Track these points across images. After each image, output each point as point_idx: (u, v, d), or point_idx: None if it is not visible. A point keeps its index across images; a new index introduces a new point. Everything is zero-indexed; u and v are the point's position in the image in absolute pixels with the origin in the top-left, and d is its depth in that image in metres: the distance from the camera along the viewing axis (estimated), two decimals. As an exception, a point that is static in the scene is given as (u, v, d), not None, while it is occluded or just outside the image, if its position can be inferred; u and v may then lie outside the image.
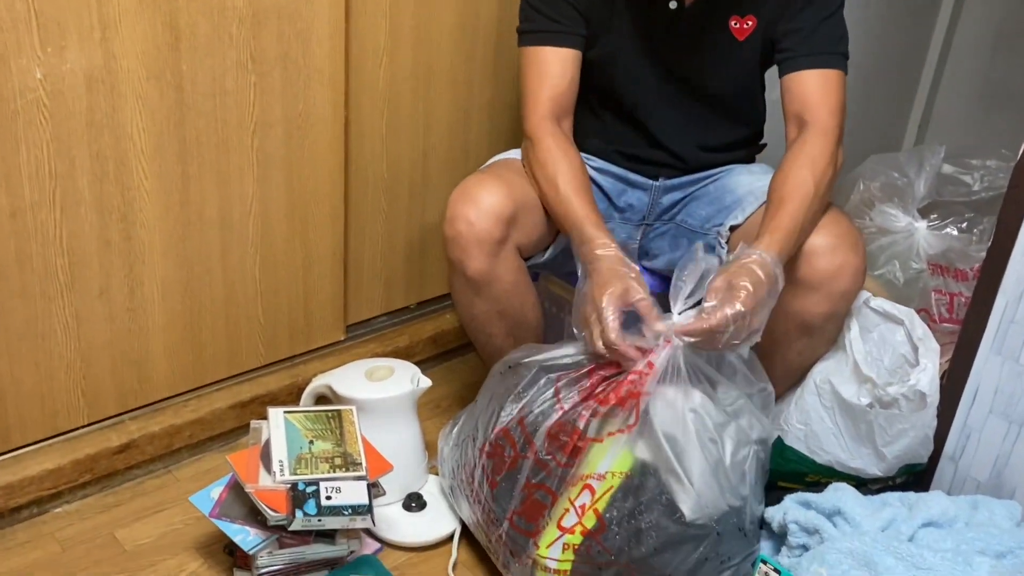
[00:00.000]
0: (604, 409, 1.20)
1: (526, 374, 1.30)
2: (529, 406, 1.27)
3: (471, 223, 1.31)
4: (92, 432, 1.46)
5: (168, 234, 1.42)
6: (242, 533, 1.25)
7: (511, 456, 1.27)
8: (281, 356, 1.65)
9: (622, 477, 1.21)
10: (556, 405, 1.24)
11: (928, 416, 1.28)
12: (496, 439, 1.29)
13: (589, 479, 1.21)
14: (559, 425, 1.22)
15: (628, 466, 1.21)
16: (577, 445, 1.21)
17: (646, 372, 1.19)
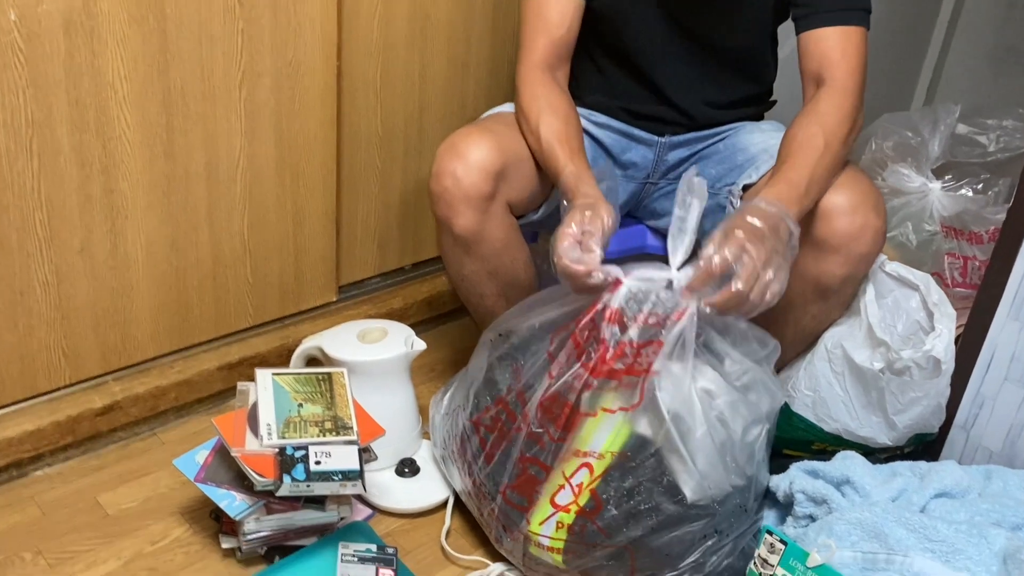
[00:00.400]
0: (597, 381, 1.15)
1: (518, 340, 1.25)
2: (523, 375, 1.22)
3: (458, 178, 1.26)
4: (74, 393, 1.41)
5: (152, 188, 1.37)
6: (228, 498, 1.21)
7: (507, 428, 1.22)
8: (271, 317, 1.59)
9: (619, 456, 1.16)
10: (548, 371, 1.18)
11: (942, 384, 1.23)
12: (493, 410, 1.24)
13: (587, 456, 1.16)
14: (552, 396, 1.17)
15: (625, 443, 1.16)
16: (571, 418, 1.16)
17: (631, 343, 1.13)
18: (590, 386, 1.15)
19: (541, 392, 1.17)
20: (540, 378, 1.19)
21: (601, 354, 1.14)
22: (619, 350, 1.14)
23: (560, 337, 1.19)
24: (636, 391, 1.13)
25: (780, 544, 1.14)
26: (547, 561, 1.20)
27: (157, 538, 1.29)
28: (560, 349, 1.18)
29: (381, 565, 1.22)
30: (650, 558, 1.15)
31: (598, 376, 1.14)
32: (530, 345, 1.23)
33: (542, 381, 1.18)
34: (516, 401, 1.21)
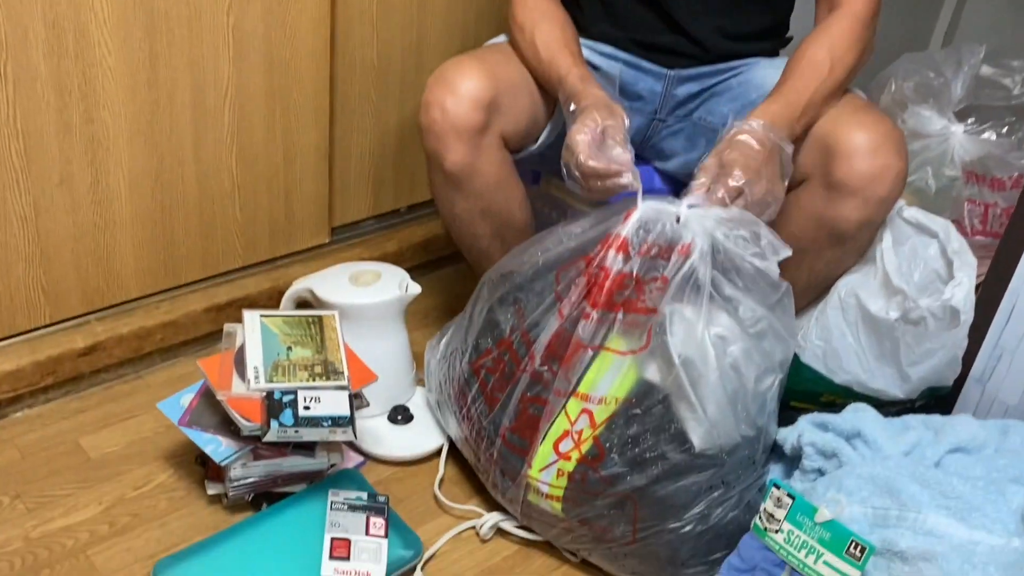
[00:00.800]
0: (598, 314, 1.09)
1: (521, 280, 1.19)
2: (527, 315, 1.16)
3: (446, 110, 1.20)
4: (55, 333, 1.36)
5: (134, 118, 1.30)
6: (213, 443, 1.16)
7: (511, 370, 1.17)
8: (261, 258, 1.54)
9: (624, 402, 1.11)
10: (556, 310, 1.13)
11: (959, 336, 1.18)
12: (495, 352, 1.19)
13: (588, 401, 1.11)
14: (558, 334, 1.12)
15: (631, 388, 1.11)
16: (574, 354, 1.11)
17: (631, 274, 1.08)
18: (588, 316, 1.09)
19: (550, 333, 1.12)
20: (548, 318, 1.14)
21: (601, 282, 1.09)
22: (619, 279, 1.08)
23: (568, 275, 1.13)
24: (643, 333, 1.08)
25: (787, 498, 1.09)
26: (546, 509, 1.15)
27: (140, 483, 1.24)
28: (569, 288, 1.13)
29: (372, 514, 1.18)
30: (653, 508, 1.11)
31: (597, 307, 1.09)
32: (533, 284, 1.17)
33: (550, 321, 1.13)
34: (521, 342, 1.16)
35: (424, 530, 1.21)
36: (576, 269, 1.13)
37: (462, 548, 1.21)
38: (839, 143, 1.15)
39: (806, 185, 1.20)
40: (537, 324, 1.15)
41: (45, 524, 1.17)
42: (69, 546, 1.15)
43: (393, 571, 1.14)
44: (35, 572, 1.11)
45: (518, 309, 1.18)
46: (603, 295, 1.09)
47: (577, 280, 1.12)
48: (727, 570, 1.11)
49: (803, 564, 1.06)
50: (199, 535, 1.16)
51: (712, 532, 1.13)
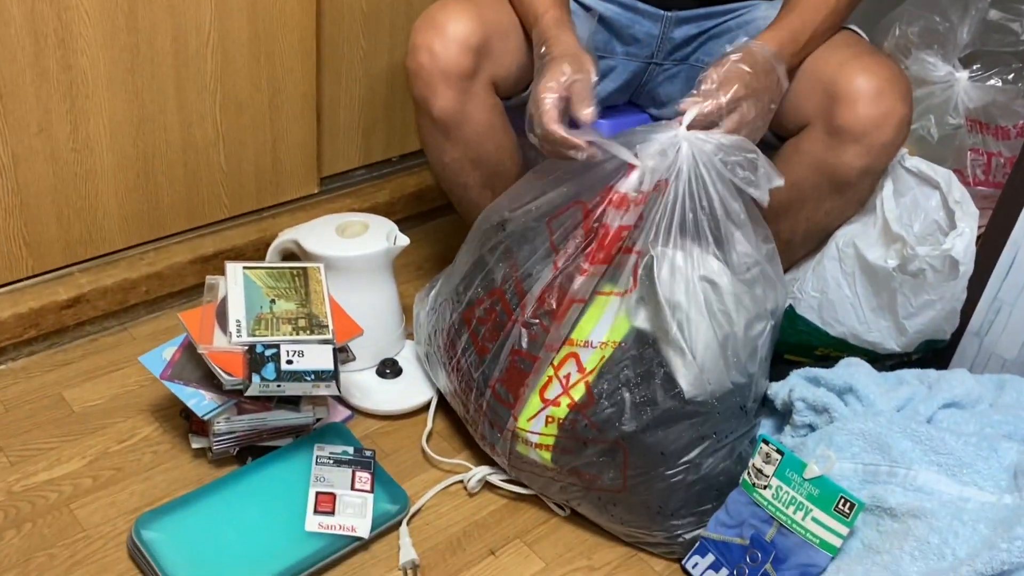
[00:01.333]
0: (593, 268, 1.07)
1: (513, 228, 1.16)
2: (523, 264, 1.14)
3: (435, 54, 1.16)
4: (37, 284, 1.34)
5: (114, 64, 1.26)
6: (196, 397, 1.14)
7: (502, 320, 1.14)
8: (247, 209, 1.51)
9: (615, 347, 1.09)
10: (552, 261, 1.10)
11: (958, 288, 1.15)
12: (487, 302, 1.17)
13: (577, 346, 1.10)
14: (551, 287, 1.10)
15: (623, 335, 1.09)
16: (567, 310, 1.09)
17: (629, 226, 1.05)
18: (584, 271, 1.07)
19: (544, 284, 1.10)
20: (542, 269, 1.11)
21: (600, 239, 1.06)
22: (618, 233, 1.06)
23: (563, 224, 1.11)
24: (628, 274, 1.06)
25: (776, 454, 1.08)
26: (535, 459, 1.14)
27: (124, 436, 1.23)
28: (566, 238, 1.10)
29: (358, 468, 1.17)
30: (644, 456, 1.09)
31: (595, 263, 1.07)
32: (526, 233, 1.14)
33: (544, 273, 1.10)
34: (514, 292, 1.14)
35: (411, 484, 1.20)
36: (572, 219, 1.10)
37: (449, 502, 1.20)
38: (842, 88, 1.12)
39: (807, 131, 1.16)
40: (530, 274, 1.12)
41: (28, 478, 1.16)
42: (52, 500, 1.14)
43: (378, 526, 1.13)
44: (17, 526, 1.11)
45: (510, 258, 1.15)
46: (602, 252, 1.07)
47: (575, 232, 1.09)
48: (714, 525, 1.10)
49: (791, 520, 1.05)
50: (183, 489, 1.15)
51: (703, 482, 1.11)
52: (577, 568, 1.14)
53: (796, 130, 1.17)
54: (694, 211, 1.05)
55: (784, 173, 1.14)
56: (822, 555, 1.03)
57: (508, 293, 1.14)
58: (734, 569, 1.07)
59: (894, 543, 0.98)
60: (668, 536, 1.13)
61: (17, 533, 1.10)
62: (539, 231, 1.14)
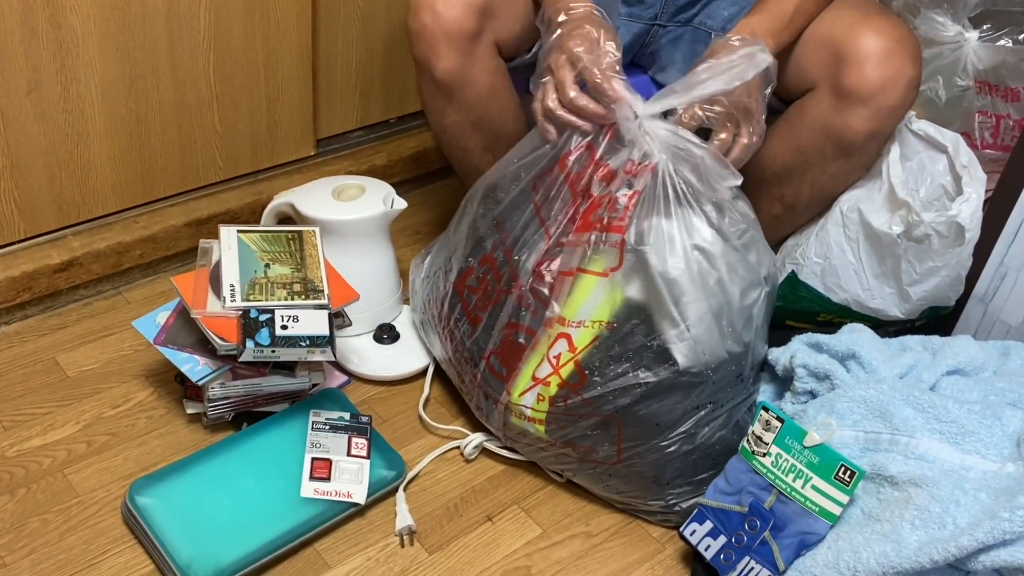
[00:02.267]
0: (576, 237, 1.05)
1: (502, 195, 1.14)
2: (511, 230, 1.12)
3: (437, 13, 1.13)
4: (29, 248, 1.32)
5: (104, 23, 1.24)
6: (190, 362, 1.13)
7: (492, 289, 1.13)
8: (242, 171, 1.49)
9: (605, 326, 1.07)
10: (543, 231, 1.09)
11: (964, 254, 1.13)
12: (478, 270, 1.15)
13: (568, 326, 1.07)
14: (543, 259, 1.08)
15: (612, 312, 1.06)
16: (561, 282, 1.07)
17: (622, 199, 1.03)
18: (568, 243, 1.05)
19: (539, 255, 1.08)
20: (531, 235, 1.09)
21: (587, 208, 1.04)
22: (599, 200, 1.04)
23: (547, 187, 1.09)
24: (617, 252, 1.04)
25: (776, 422, 1.07)
26: (529, 431, 1.13)
27: (119, 401, 1.22)
28: (552, 207, 1.08)
29: (354, 434, 1.16)
30: (638, 427, 1.08)
31: (579, 231, 1.05)
32: (514, 199, 1.12)
33: (537, 241, 1.09)
34: (504, 259, 1.12)
35: (407, 450, 1.20)
36: (555, 181, 1.08)
37: (446, 468, 1.19)
38: (850, 48, 1.09)
39: (813, 93, 1.14)
40: (519, 240, 1.10)
41: (22, 443, 1.15)
42: (46, 465, 1.13)
43: (375, 492, 1.12)
44: (11, 491, 1.10)
45: (498, 224, 1.13)
46: (580, 218, 1.05)
47: (561, 197, 1.07)
48: (713, 492, 1.09)
49: (791, 488, 1.04)
50: (178, 454, 1.14)
51: (699, 452, 1.10)
52: (575, 534, 1.14)
53: (801, 92, 1.15)
54: (681, 184, 1.03)
55: (789, 137, 1.12)
56: (821, 523, 1.02)
57: (499, 261, 1.13)
58: (732, 536, 1.06)
59: (894, 511, 0.97)
60: (664, 505, 1.13)
61: (11, 498, 1.09)
62: (526, 195, 1.12)
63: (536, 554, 1.11)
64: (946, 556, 0.91)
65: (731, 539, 1.06)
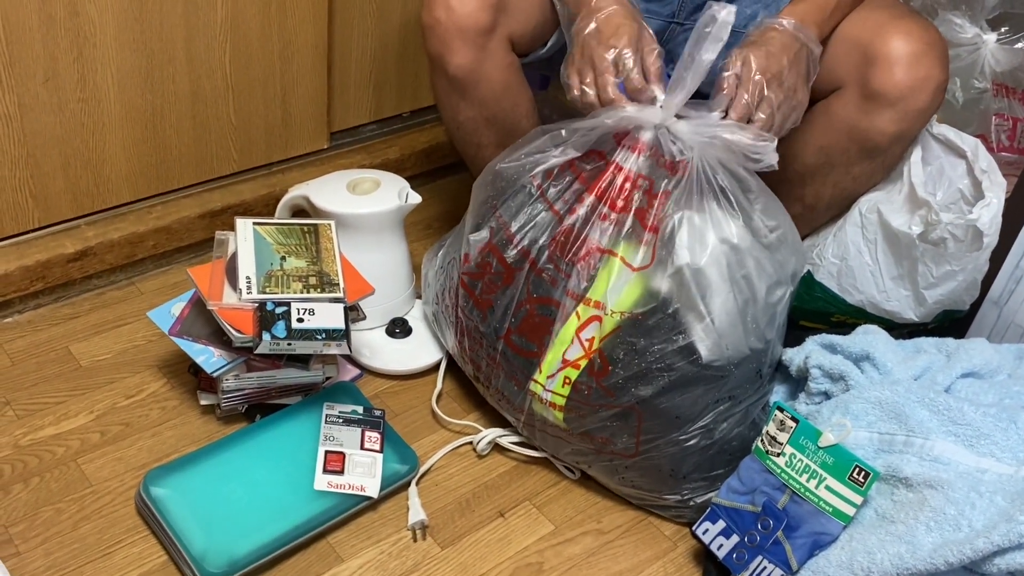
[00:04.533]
0: (615, 215, 1.05)
1: (504, 182, 1.14)
2: (516, 214, 1.11)
3: (451, 8, 1.13)
4: (44, 237, 1.32)
5: (122, 12, 1.23)
6: (205, 354, 1.13)
7: (502, 271, 1.12)
8: (257, 163, 1.48)
9: (629, 315, 1.06)
10: (551, 210, 1.08)
11: (981, 259, 1.13)
12: (478, 257, 1.15)
13: (600, 310, 1.07)
14: (562, 232, 1.07)
15: (637, 301, 1.07)
16: (588, 255, 1.07)
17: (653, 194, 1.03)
18: (605, 217, 1.05)
19: (547, 232, 1.08)
20: (534, 214, 1.09)
21: (622, 183, 1.04)
22: (635, 181, 1.04)
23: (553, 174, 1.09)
24: (649, 250, 1.04)
25: (791, 422, 1.07)
26: (548, 419, 1.13)
27: (132, 392, 1.22)
28: (560, 187, 1.08)
29: (367, 427, 1.16)
30: (658, 419, 1.08)
31: (614, 208, 1.04)
32: (511, 183, 1.12)
33: (543, 218, 1.08)
34: (506, 242, 1.11)
35: (420, 445, 1.20)
36: (563, 172, 1.08)
37: (459, 463, 1.19)
38: (879, 50, 1.09)
39: (840, 93, 1.13)
40: (525, 223, 1.10)
41: (35, 432, 1.16)
42: (60, 454, 1.13)
43: (388, 486, 1.12)
44: (25, 480, 1.10)
45: (497, 210, 1.13)
46: (621, 197, 1.05)
47: (569, 178, 1.07)
48: (726, 492, 1.09)
49: (804, 488, 1.04)
50: (192, 446, 1.15)
51: (716, 446, 1.10)
52: (587, 531, 1.14)
53: (828, 92, 1.14)
54: (710, 182, 1.03)
55: (813, 137, 1.12)
56: (835, 524, 1.02)
57: (499, 243, 1.12)
58: (745, 536, 1.06)
59: (909, 513, 0.97)
60: (679, 500, 1.13)
61: (24, 487, 1.09)
62: (527, 181, 1.12)
63: (548, 550, 1.11)
64: (961, 559, 0.91)
65: (744, 538, 1.06)
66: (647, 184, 1.05)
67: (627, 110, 1.03)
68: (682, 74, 1.01)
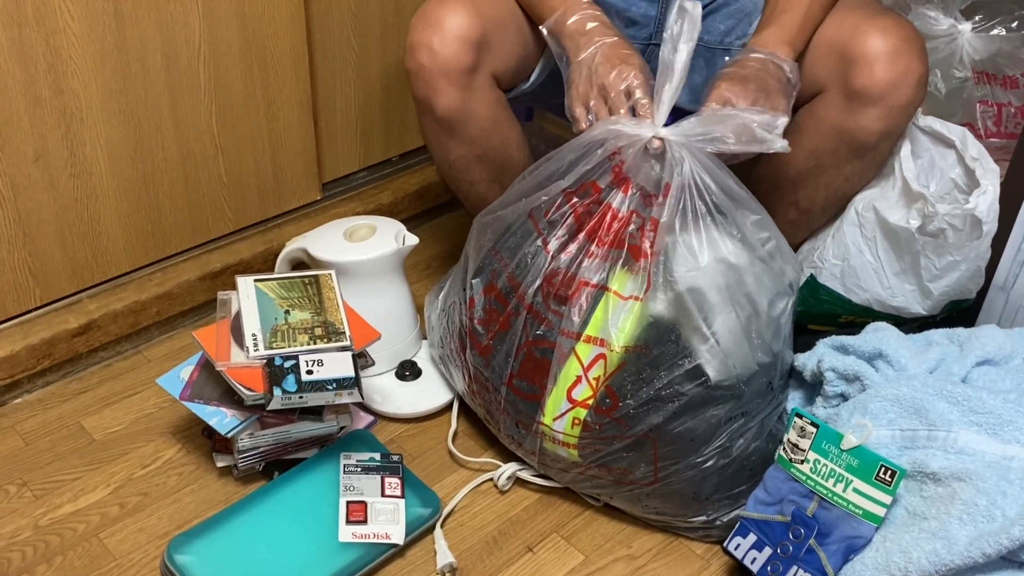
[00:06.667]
0: (603, 251, 1.05)
1: (502, 225, 1.14)
2: (514, 256, 1.11)
3: (434, 52, 1.13)
4: (46, 314, 1.32)
5: (106, 86, 1.24)
6: (218, 415, 1.13)
7: (500, 315, 1.12)
8: (252, 220, 1.49)
9: (635, 351, 1.06)
10: (543, 249, 1.08)
11: (983, 247, 1.13)
12: (482, 300, 1.15)
13: (602, 346, 1.06)
14: (554, 272, 1.07)
15: (641, 334, 1.05)
16: (577, 292, 1.06)
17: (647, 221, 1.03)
18: (592, 254, 1.05)
19: (542, 272, 1.08)
20: (534, 255, 1.09)
21: (608, 222, 1.04)
22: (625, 218, 1.04)
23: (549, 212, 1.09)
24: (644, 278, 1.04)
25: (811, 427, 1.06)
26: (563, 456, 1.12)
27: (148, 461, 1.21)
28: (552, 222, 1.08)
29: (386, 474, 1.15)
30: (673, 445, 1.07)
31: (602, 245, 1.05)
32: (511, 225, 1.13)
33: (538, 260, 1.08)
34: (508, 286, 1.11)
35: (441, 486, 1.19)
36: (556, 204, 1.08)
37: (481, 501, 1.18)
38: (857, 50, 1.09)
39: (822, 97, 1.14)
40: (522, 264, 1.10)
41: (54, 510, 1.15)
42: (80, 531, 1.13)
43: (413, 530, 1.11)
44: (48, 560, 1.09)
45: (497, 253, 1.13)
46: (610, 235, 1.05)
47: (563, 213, 1.08)
48: (754, 504, 1.08)
49: (832, 493, 1.03)
50: (212, 509, 1.14)
51: (735, 465, 1.09)
52: (618, 558, 1.12)
53: (811, 97, 1.15)
54: (702, 198, 1.03)
55: (801, 142, 1.12)
56: (866, 526, 1.01)
57: (503, 288, 1.12)
58: (777, 547, 1.05)
59: (940, 508, 0.96)
60: (705, 521, 1.12)
61: (48, 567, 1.08)
62: (523, 221, 1.12)
63: (580, 581, 1.10)
64: (998, 549, 0.90)
65: (777, 550, 1.05)
66: (641, 221, 1.04)
67: (618, 124, 1.04)
68: (664, 75, 1.01)
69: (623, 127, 1.04)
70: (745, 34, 1.22)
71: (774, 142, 0.98)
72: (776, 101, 1.05)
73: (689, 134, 1.02)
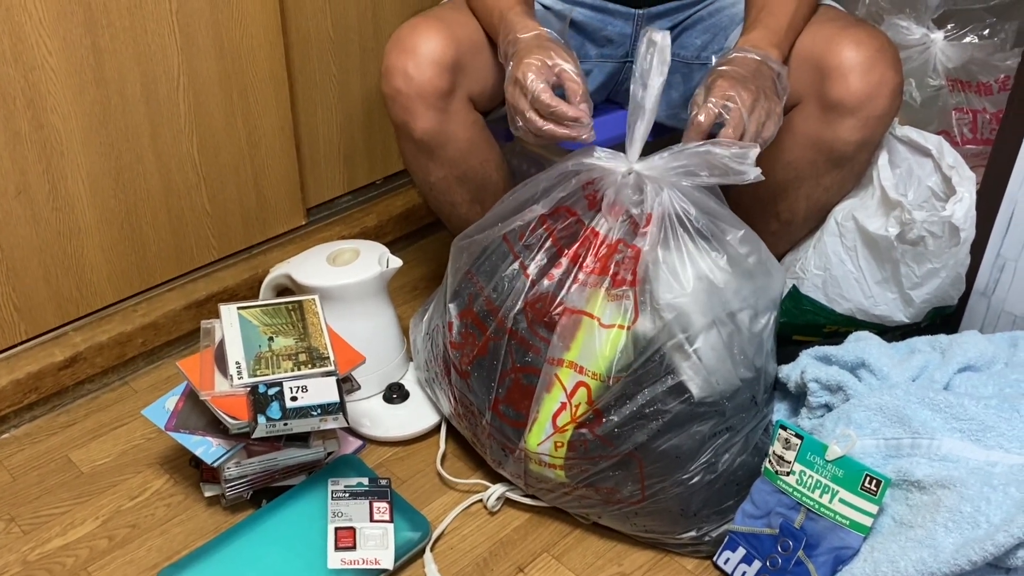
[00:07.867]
0: (590, 278, 1.05)
1: (478, 248, 1.14)
2: (491, 279, 1.12)
3: (410, 76, 1.14)
4: (32, 348, 1.32)
5: (86, 119, 1.25)
6: (203, 445, 1.13)
7: (478, 340, 1.12)
8: (236, 248, 1.49)
9: (615, 379, 1.05)
10: (523, 273, 1.09)
11: (961, 253, 1.13)
12: (458, 324, 1.15)
13: (583, 373, 1.06)
14: (537, 297, 1.08)
15: (621, 358, 1.04)
16: (564, 319, 1.07)
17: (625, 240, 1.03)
18: (578, 280, 1.05)
19: (522, 296, 1.08)
20: (512, 280, 1.09)
21: (596, 248, 1.04)
22: (615, 246, 1.04)
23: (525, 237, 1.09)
24: (630, 307, 1.04)
25: (796, 439, 1.06)
26: (550, 477, 1.12)
27: (136, 492, 1.21)
28: (532, 250, 1.08)
29: (375, 499, 1.15)
30: (659, 463, 1.07)
31: (588, 272, 1.05)
32: (486, 249, 1.13)
33: (517, 283, 1.09)
34: (485, 310, 1.12)
35: (430, 509, 1.19)
36: (533, 230, 1.09)
37: (471, 523, 1.18)
38: (832, 61, 1.10)
39: (799, 109, 1.15)
40: (499, 288, 1.10)
41: (43, 545, 1.14)
42: (69, 565, 1.12)
43: (402, 555, 1.11)
44: (36, 595, 1.09)
45: (472, 276, 1.14)
46: (598, 263, 1.05)
47: (539, 236, 1.08)
48: (742, 517, 1.08)
49: (818, 504, 1.03)
50: (201, 539, 1.13)
51: (722, 480, 1.09)
52: (609, 575, 1.12)
53: (788, 109, 1.16)
54: (682, 222, 1.04)
55: (779, 154, 1.12)
56: (854, 536, 1.01)
57: (480, 312, 1.13)
58: (767, 560, 1.05)
59: (926, 516, 0.96)
60: (694, 536, 1.11)
61: (37, 603, 1.08)
62: (498, 244, 1.12)
63: (571, 600, 1.10)
64: (984, 556, 0.90)
65: (766, 563, 1.05)
66: (627, 251, 1.05)
67: (593, 157, 1.04)
68: (635, 113, 1.02)
69: (597, 160, 1.04)
70: (721, 48, 1.23)
71: (747, 173, 0.98)
72: (773, 104, 1.05)
73: (663, 168, 1.02)
